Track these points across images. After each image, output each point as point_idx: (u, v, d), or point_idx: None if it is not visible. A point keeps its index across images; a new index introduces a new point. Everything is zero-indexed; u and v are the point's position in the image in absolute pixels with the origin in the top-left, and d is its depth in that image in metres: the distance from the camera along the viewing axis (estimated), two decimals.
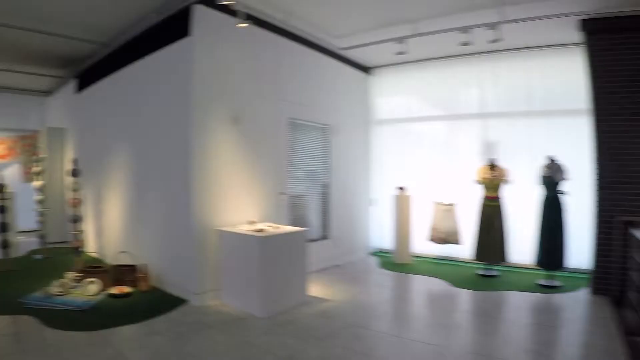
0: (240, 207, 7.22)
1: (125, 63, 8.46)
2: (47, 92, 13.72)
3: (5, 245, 8.68)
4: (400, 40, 8.22)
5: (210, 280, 6.71)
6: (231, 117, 7.04)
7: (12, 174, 11.90)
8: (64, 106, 12.18)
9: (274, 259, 6.27)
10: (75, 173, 8.81)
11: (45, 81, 12.39)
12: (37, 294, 6.81)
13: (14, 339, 5.31)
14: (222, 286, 6.69)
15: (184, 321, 5.89)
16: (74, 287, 7.07)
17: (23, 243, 10.69)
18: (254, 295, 6.13)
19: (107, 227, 9.29)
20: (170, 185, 7.13)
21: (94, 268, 7.54)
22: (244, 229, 6.64)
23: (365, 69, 10.63)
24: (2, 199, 8.79)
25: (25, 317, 5.96)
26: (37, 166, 10.14)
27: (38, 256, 9.72)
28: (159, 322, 5.88)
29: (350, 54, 9.70)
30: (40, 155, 10.68)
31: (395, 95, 10.74)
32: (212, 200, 6.83)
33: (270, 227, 6.76)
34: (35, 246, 10.45)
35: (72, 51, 9.77)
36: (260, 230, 6.41)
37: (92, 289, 6.88)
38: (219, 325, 5.75)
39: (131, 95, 8.36)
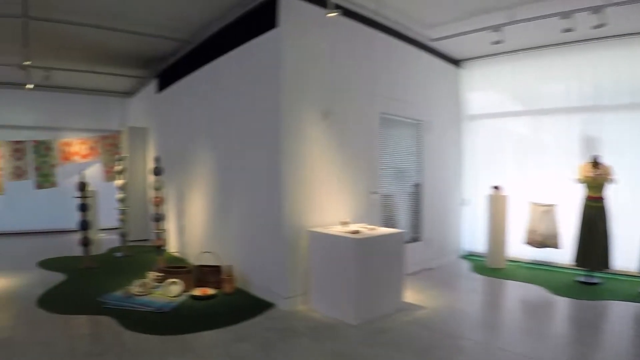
0: (331, 206, 6.77)
1: (207, 60, 8.30)
2: (128, 93, 13.99)
3: (87, 242, 8.59)
4: (496, 28, 7.53)
5: (299, 284, 6.32)
6: (321, 111, 6.62)
7: (93, 173, 11.96)
8: (145, 106, 12.32)
9: (370, 263, 5.82)
10: (157, 171, 8.64)
11: (126, 82, 12.61)
12: (117, 294, 6.60)
13: (92, 340, 5.07)
14: (311, 290, 6.27)
15: (272, 327, 5.51)
16: (155, 287, 6.81)
17: (104, 241, 10.78)
18: (347, 301, 5.70)
19: (189, 226, 9.08)
20: (258, 183, 6.74)
21: (176, 268, 7.24)
22: (337, 230, 6.22)
23: (455, 62, 9.99)
24: (84, 197, 8.72)
25: (104, 317, 5.74)
26: (118, 165, 10.08)
27: (118, 254, 9.67)
28: (245, 328, 5.48)
29: (441, 46, 9.09)
30: (122, 154, 10.64)
31: (487, 89, 9.93)
32: (302, 199, 6.37)
33: (364, 229, 6.30)
34: (116, 244, 10.40)
35: (152, 50, 9.71)
36: (355, 232, 5.96)
37: (174, 290, 6.59)
38: (309, 333, 5.36)
39: (214, 92, 8.11)
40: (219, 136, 7.92)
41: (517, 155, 9.50)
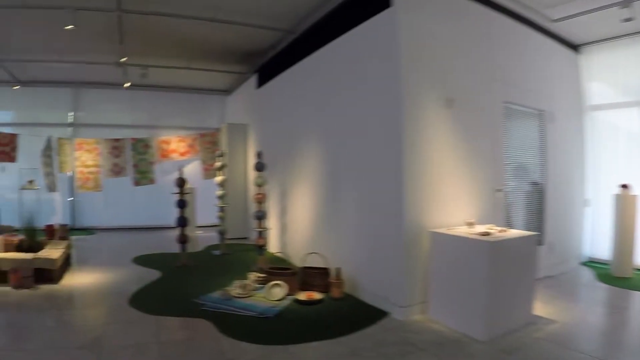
0: (453, 205, 5.88)
1: (310, 50, 7.82)
2: (227, 91, 13.84)
3: (184, 239, 8.17)
4: (625, 3, 6.44)
5: (417, 291, 5.49)
6: (444, 99, 5.78)
7: (192, 171, 11.79)
8: (245, 102, 12.05)
9: (503, 269, 4.90)
10: (259, 167, 8.08)
11: (225, 79, 12.45)
12: (215, 295, 6.04)
13: (186, 347, 4.49)
14: (431, 298, 5.43)
15: (388, 340, 4.72)
16: (257, 289, 6.21)
17: (201, 238, 10.49)
18: (474, 313, 4.86)
19: (292, 225, 8.48)
20: (373, 178, 5.96)
21: (280, 269, 6.62)
22: (463, 231, 5.33)
23: (574, 47, 8.77)
24: (182, 193, 8.35)
25: (200, 320, 5.19)
26: (218, 161, 9.65)
27: (216, 252, 9.28)
28: (357, 340, 4.71)
29: (561, 29, 7.90)
30: (222, 150, 10.21)
31: (611, 76, 8.58)
32: (423, 196, 5.53)
33: (493, 230, 5.37)
34: (213, 242, 10.18)
35: (252, 44, 9.34)
36: (485, 234, 5.06)
37: (277, 293, 5.94)
38: (432, 348, 4.53)
39: (320, 84, 7.48)
40: (327, 129, 7.24)
41: None
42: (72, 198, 12.77)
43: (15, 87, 11.81)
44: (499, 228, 5.48)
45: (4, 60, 10.16)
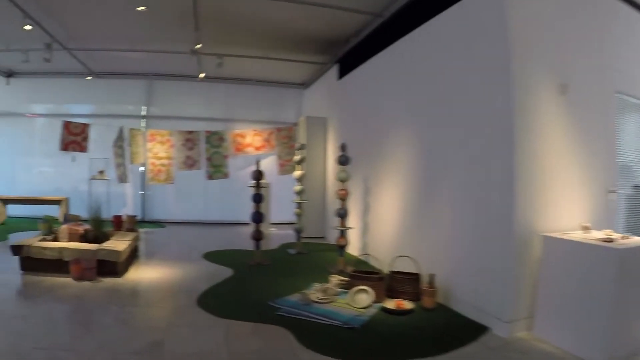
0: (565, 206, 4.99)
1: (399, 34, 7.07)
2: (304, 84, 13.32)
3: (259, 236, 7.59)
4: None
5: (524, 304, 4.65)
6: (557, 85, 4.89)
7: (267, 166, 11.32)
8: (324, 94, 11.42)
9: (632, 282, 4.02)
10: (343, 160, 7.39)
11: (304, 71, 11.87)
12: (292, 299, 5.39)
13: (260, 358, 3.87)
14: (539, 313, 4.59)
15: None
16: (339, 294, 5.52)
17: (275, 236, 10.09)
18: (593, 331, 4.04)
19: (376, 225, 7.74)
20: (477, 175, 5.12)
21: (366, 273, 5.89)
22: (581, 236, 4.43)
23: None
24: (259, 187, 7.79)
25: (276, 328, 4.53)
26: (297, 154, 9.05)
27: (292, 251, 8.69)
28: (458, 358, 3.98)
29: None
30: (301, 143, 9.59)
31: None
32: (535, 196, 4.70)
33: (614, 236, 4.43)
34: (288, 240, 9.76)
35: (334, 32, 8.79)
36: (608, 240, 4.15)
37: (363, 299, 5.21)
38: None
39: (412, 71, 6.75)
40: (421, 120, 6.49)
41: None
42: (143, 191, 12.66)
43: (88, 78, 11.79)
44: (619, 234, 4.55)
45: (77, 49, 10.03)
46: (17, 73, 12.37)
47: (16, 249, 6.35)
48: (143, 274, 6.64)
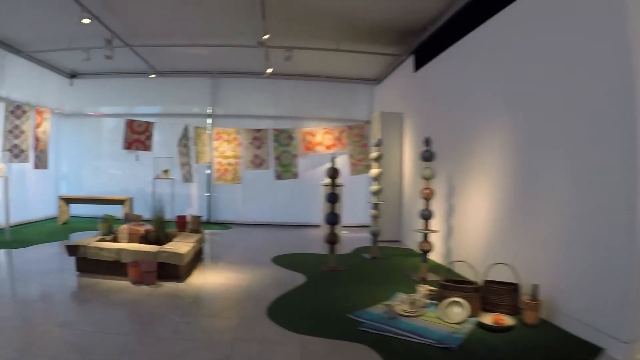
0: None
1: (486, 16, 6.35)
2: (376, 80, 12.53)
3: (333, 239, 7.00)
4: None
5: None
6: None
7: (338, 165, 10.79)
8: (399, 88, 10.71)
9: None
10: (427, 156, 6.68)
11: (376, 65, 11.14)
12: (375, 311, 4.73)
13: None
14: None
15: None
16: (427, 306, 4.84)
17: (347, 239, 9.46)
18: None
19: (462, 228, 6.98)
20: (592, 170, 4.34)
21: (458, 283, 5.15)
22: None
23: None
24: (334, 186, 7.19)
25: (359, 346, 3.87)
26: (374, 151, 8.39)
27: (367, 256, 8.04)
28: None
29: None
30: (378, 138, 8.91)
31: None
32: None
33: None
34: (361, 244, 9.16)
35: (409, 20, 8.19)
36: None
37: (456, 314, 4.51)
38: None
39: (503, 56, 5.98)
40: (518, 108, 5.64)
41: None
42: (209, 190, 12.28)
43: (151, 76, 11.61)
44: None
45: (139, 46, 9.83)
46: (80, 74, 12.39)
47: (72, 249, 6.02)
48: (207, 279, 6.16)
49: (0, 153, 9.26)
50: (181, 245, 6.20)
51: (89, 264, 5.97)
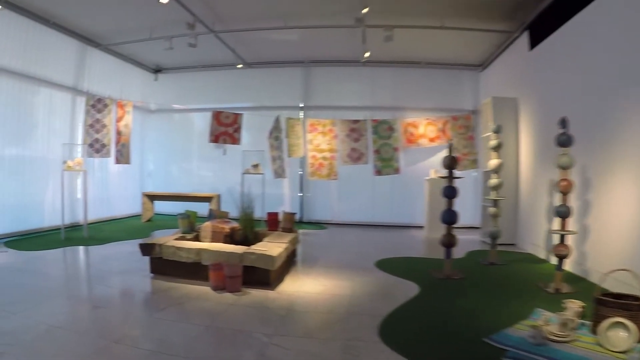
0: None
1: None
2: (480, 65, 11.45)
3: (451, 242, 6.03)
4: None
5: None
6: None
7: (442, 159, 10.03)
8: (511, 71, 9.59)
9: None
10: (563, 140, 5.48)
11: (482, 46, 10.08)
12: (515, 333, 3.72)
13: None
14: None
15: None
16: (577, 328, 3.80)
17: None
18: None
19: (602, 228, 5.76)
20: None
21: (619, 298, 4.04)
22: None
23: None
24: (453, 177, 6.21)
25: None
26: (492, 138, 7.32)
27: (484, 261, 6.96)
28: None
29: None
30: (497, 125, 7.77)
31: None
32: None
33: None
34: (472, 247, 8.34)
35: None
36: None
37: (621, 339, 3.42)
38: None
39: None
40: None
41: None
42: (302, 187, 11.70)
43: (239, 66, 11.18)
44: None
45: (224, 32, 9.33)
46: (165, 69, 12.33)
47: (146, 248, 5.43)
48: (302, 287, 5.30)
49: (80, 147, 8.96)
50: (272, 246, 5.43)
51: (165, 265, 5.36)
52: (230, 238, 5.75)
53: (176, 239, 5.64)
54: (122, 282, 5.31)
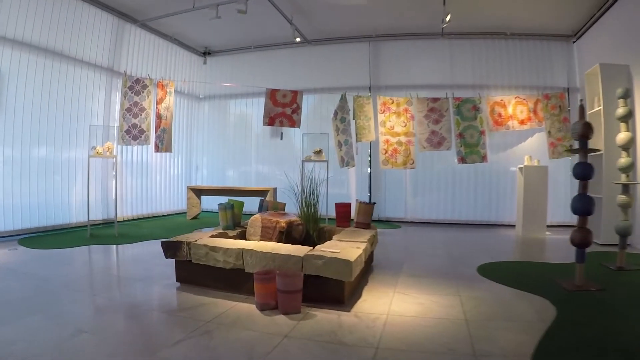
0: None
1: None
2: (574, 35, 9.81)
3: (586, 240, 4.30)
4: None
5: None
6: None
7: (533, 147, 9.22)
8: (616, 34, 7.93)
9: None
10: None
11: (576, 3, 8.37)
12: None
13: None
14: None
15: None
16: None
17: (553, 243, 7.39)
18: None
19: None
20: None
21: None
22: None
23: None
24: (587, 151, 4.45)
25: None
26: (620, 105, 5.62)
27: (611, 266, 5.28)
28: None
29: None
30: (625, 88, 6.01)
31: None
32: None
33: None
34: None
35: None
36: None
37: None
38: None
39: None
40: None
41: None
42: (370, 179, 10.13)
43: (297, 39, 9.76)
44: None
45: None
46: (214, 51, 11.28)
47: (170, 248, 3.97)
48: (390, 306, 3.66)
49: (116, 132, 7.72)
50: (346, 247, 3.85)
51: (196, 272, 3.92)
52: (287, 235, 4.22)
53: (212, 236, 4.16)
54: (135, 294, 3.92)
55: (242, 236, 4.46)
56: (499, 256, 6.06)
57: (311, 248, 3.76)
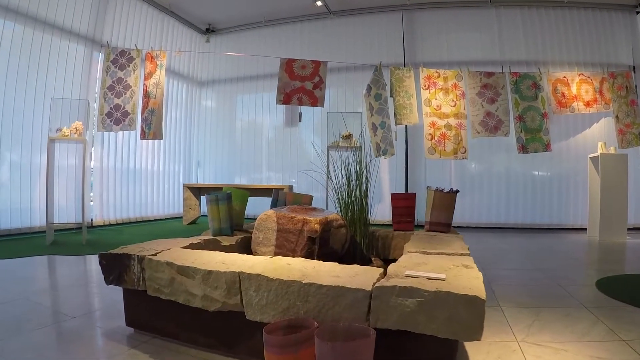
0: None
1: None
2: (638, 5, 8.54)
3: None
4: None
5: None
6: None
7: (600, 134, 7.90)
8: None
9: None
10: None
11: None
12: None
13: None
14: None
15: None
16: None
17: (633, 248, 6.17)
18: None
19: None
20: None
21: None
22: None
23: None
24: None
25: None
26: None
27: None
28: None
29: None
30: None
31: None
32: None
33: None
34: None
35: None
36: None
37: None
38: None
39: None
40: None
41: None
42: (407, 173, 8.57)
43: (318, 3, 8.71)
44: None
45: None
46: (219, 29, 9.92)
47: (112, 267, 2.16)
48: None
49: (95, 115, 6.23)
50: (447, 269, 1.97)
51: (159, 311, 2.08)
52: (322, 245, 2.38)
53: (187, 247, 2.33)
54: (43, 354, 2.01)
55: (245, 247, 2.64)
56: (603, 268, 4.52)
57: (381, 271, 1.90)
